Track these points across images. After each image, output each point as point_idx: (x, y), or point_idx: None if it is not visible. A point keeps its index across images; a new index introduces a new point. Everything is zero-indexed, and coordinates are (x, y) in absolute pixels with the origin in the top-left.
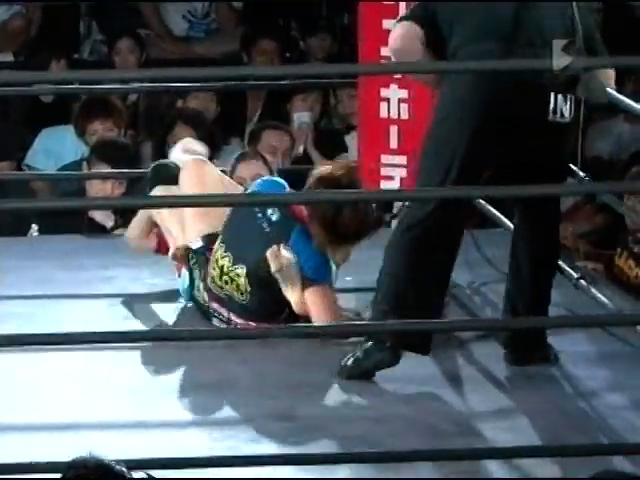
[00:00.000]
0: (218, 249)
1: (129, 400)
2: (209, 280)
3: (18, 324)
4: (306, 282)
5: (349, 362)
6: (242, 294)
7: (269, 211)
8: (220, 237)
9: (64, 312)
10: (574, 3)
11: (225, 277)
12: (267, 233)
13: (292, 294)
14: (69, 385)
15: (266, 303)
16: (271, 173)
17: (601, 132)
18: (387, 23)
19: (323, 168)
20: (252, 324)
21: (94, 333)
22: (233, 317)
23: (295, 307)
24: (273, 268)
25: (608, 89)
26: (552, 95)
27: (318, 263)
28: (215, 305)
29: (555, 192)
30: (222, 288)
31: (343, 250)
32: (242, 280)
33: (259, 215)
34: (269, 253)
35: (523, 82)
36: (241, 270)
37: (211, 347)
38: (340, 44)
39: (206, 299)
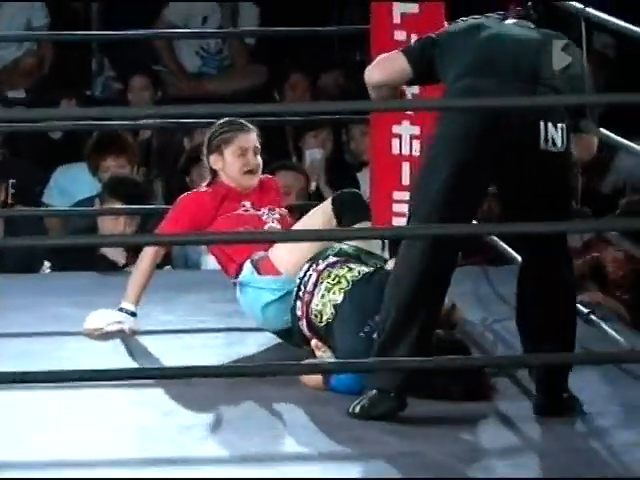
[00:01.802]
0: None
1: (140, 440)
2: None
3: (29, 362)
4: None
5: (356, 409)
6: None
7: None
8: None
9: (75, 349)
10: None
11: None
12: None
13: None
14: (78, 422)
15: None
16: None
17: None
18: None
19: None
20: None
21: (105, 370)
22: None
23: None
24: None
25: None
26: (542, 124)
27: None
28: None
29: (564, 229)
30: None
31: None
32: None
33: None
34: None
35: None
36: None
37: (214, 386)
38: (352, 80)
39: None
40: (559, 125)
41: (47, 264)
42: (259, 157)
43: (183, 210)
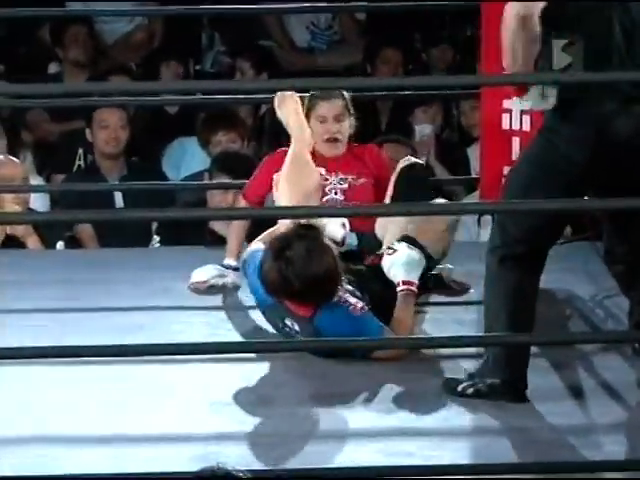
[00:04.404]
0: None
1: (250, 411)
2: None
3: (134, 335)
4: None
5: (468, 391)
6: None
7: (288, 322)
8: None
9: (181, 323)
10: None
11: None
12: None
13: None
14: (188, 395)
15: None
16: None
17: None
18: None
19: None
20: None
21: (210, 344)
22: None
23: None
24: None
25: None
26: None
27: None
28: None
29: None
30: None
31: None
32: None
33: (286, 329)
34: None
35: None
36: None
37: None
38: (462, 56)
39: None
40: None
41: (156, 238)
42: (345, 124)
43: (263, 170)
